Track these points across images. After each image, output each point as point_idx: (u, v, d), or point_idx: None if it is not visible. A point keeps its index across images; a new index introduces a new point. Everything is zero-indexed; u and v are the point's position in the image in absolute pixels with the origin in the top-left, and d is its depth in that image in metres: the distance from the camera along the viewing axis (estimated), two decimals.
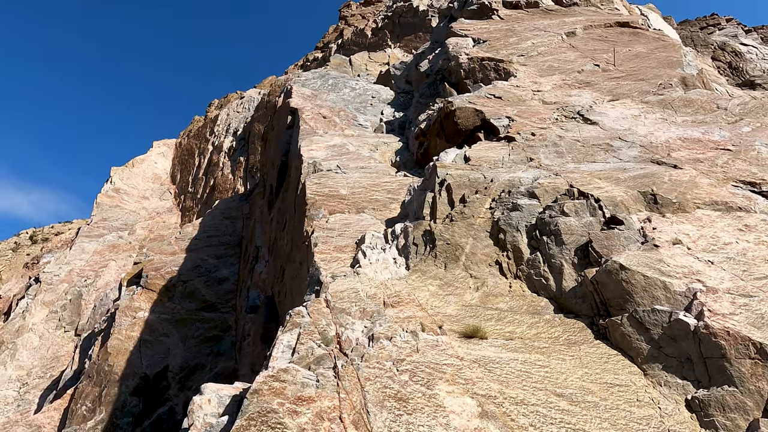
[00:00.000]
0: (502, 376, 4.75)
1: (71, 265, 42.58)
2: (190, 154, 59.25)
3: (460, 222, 6.84)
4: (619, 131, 8.87)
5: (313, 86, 25.22)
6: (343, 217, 8.58)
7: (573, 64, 12.42)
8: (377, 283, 6.24)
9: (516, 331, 5.49)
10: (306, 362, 4.87)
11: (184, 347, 25.09)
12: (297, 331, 5.29)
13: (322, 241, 7.67)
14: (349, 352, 5.07)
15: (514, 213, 6.73)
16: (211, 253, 30.29)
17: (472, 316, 5.76)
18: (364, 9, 68.63)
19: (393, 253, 6.93)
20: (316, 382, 4.58)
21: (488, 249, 6.59)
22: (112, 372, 23.72)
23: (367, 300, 5.87)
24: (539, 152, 8.35)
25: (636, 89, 10.76)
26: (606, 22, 14.56)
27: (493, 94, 11.11)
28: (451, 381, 4.62)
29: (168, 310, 26.31)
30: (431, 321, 5.53)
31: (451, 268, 6.49)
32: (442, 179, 7.46)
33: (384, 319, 5.49)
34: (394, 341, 5.13)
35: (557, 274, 6.03)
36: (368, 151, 13.11)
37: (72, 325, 37.29)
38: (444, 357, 4.93)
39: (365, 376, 4.64)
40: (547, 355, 5.08)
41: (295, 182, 11.91)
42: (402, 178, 10.76)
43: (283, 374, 4.61)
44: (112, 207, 52.46)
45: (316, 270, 7.00)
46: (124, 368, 23.76)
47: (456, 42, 14.98)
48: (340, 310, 5.69)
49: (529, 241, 6.47)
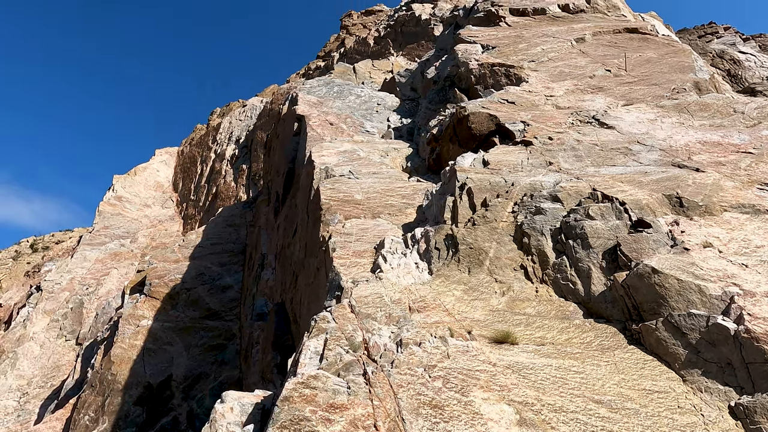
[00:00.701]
0: (537, 383, 4.62)
1: (72, 273, 42.39)
2: (192, 162, 59.30)
3: (483, 226, 6.74)
4: (636, 135, 8.81)
5: (318, 93, 25.28)
6: (360, 222, 8.48)
7: (584, 70, 12.41)
8: (401, 288, 6.13)
9: (547, 337, 5.36)
10: (335, 369, 4.74)
11: (187, 356, 24.84)
12: (323, 337, 5.17)
13: (340, 246, 7.56)
14: (377, 358, 4.94)
15: (537, 217, 6.63)
16: (214, 261, 30.14)
17: (501, 321, 5.63)
18: (366, 18, 69.16)
19: (414, 257, 6.82)
20: (347, 388, 4.45)
21: (512, 253, 6.48)
22: (116, 381, 23.45)
23: (392, 305, 5.75)
24: (558, 156, 8.28)
25: (650, 94, 10.73)
26: (615, 29, 14.59)
27: (506, 99, 11.07)
28: (486, 387, 4.49)
29: (171, 318, 26.11)
30: (459, 326, 5.40)
31: (475, 272, 6.37)
32: (462, 183, 7.37)
33: (411, 325, 5.37)
34: (423, 347, 5.00)
35: (585, 279, 5.92)
36: (379, 157, 13.05)
37: (73, 333, 37.00)
38: (476, 363, 4.81)
39: (397, 382, 4.51)
40: (581, 360, 4.95)
41: (306, 188, 11.83)
42: (415, 184, 10.68)
43: (313, 381, 4.48)
44: (114, 215, 52.37)
45: (336, 275, 6.88)
46: (128, 377, 23.48)
47: (465, 48, 15.00)
48: (366, 315, 5.57)
49: (555, 245, 6.37)
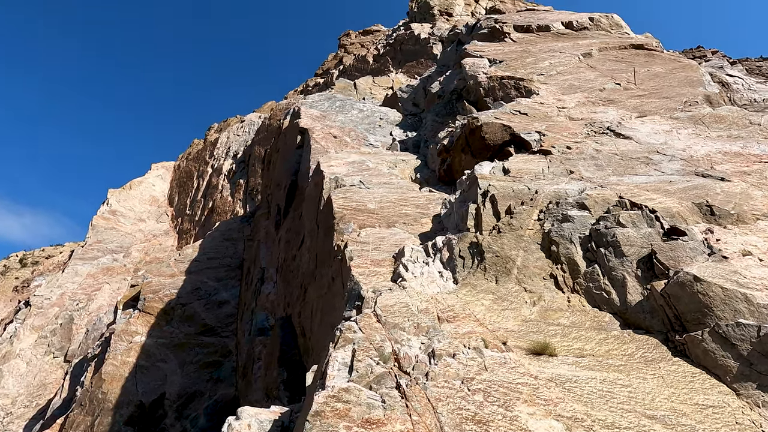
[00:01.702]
0: (583, 397, 4.33)
1: (63, 289, 41.45)
2: (189, 176, 58.97)
3: (509, 234, 6.52)
4: (655, 145, 8.73)
5: (321, 108, 25.27)
6: (375, 231, 8.23)
7: (594, 83, 12.44)
8: (427, 297, 5.85)
9: (586, 348, 5.09)
10: (366, 381, 4.42)
11: (182, 373, 24.09)
12: (351, 348, 4.85)
13: (357, 254, 7.29)
14: (409, 370, 4.64)
15: (565, 224, 6.43)
16: (211, 276, 29.58)
17: (535, 331, 5.36)
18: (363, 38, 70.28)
19: (438, 266, 6.56)
20: (381, 402, 4.13)
21: (540, 262, 6.25)
22: (106, 400, 22.60)
23: (419, 315, 5.46)
24: (578, 165, 8.15)
25: (662, 106, 10.72)
26: (620, 45, 14.74)
27: (518, 111, 11.01)
28: (530, 402, 4.19)
29: (166, 334, 25.40)
30: (493, 337, 5.12)
31: (503, 281, 6.12)
32: (484, 190, 7.18)
33: (442, 335, 5.08)
34: (458, 358, 4.71)
35: (620, 288, 5.68)
36: (387, 168, 12.89)
37: (62, 350, 35.89)
38: (516, 375, 4.51)
39: (435, 396, 4.20)
40: (626, 373, 4.68)
41: (315, 198, 11.59)
42: (428, 194, 10.48)
43: (344, 394, 4.16)
44: (108, 229, 51.62)
45: (355, 284, 6.59)
46: (119, 396, 22.66)
47: (472, 62, 15.06)
48: (393, 325, 5.27)
49: (585, 253, 6.15)
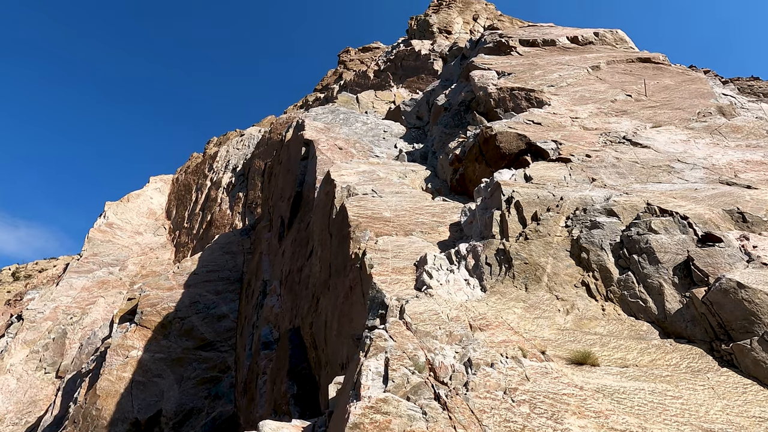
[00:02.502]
0: (634, 409, 4.09)
1: (57, 302, 40.72)
2: (188, 189, 58.71)
3: (537, 240, 6.34)
4: (675, 154, 8.65)
5: (324, 120, 25.28)
6: (393, 239, 8.02)
7: (605, 95, 12.45)
8: (456, 305, 5.62)
9: (628, 358, 4.87)
10: (402, 391, 4.17)
11: (179, 389, 23.49)
12: (383, 356, 4.61)
13: (378, 262, 7.07)
14: (446, 380, 4.39)
15: (595, 231, 6.26)
16: (210, 289, 29.13)
17: (573, 341, 5.14)
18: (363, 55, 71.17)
19: (463, 273, 6.35)
20: (422, 414, 3.87)
21: (571, 269, 6.06)
22: (101, 417, 21.94)
23: (450, 323, 5.23)
24: (600, 173, 8.03)
25: (676, 117, 10.70)
26: (628, 58, 14.85)
27: (531, 120, 10.95)
28: (580, 414, 3.95)
29: (163, 348, 24.85)
30: (530, 346, 4.89)
31: (533, 289, 5.91)
32: (508, 197, 7.03)
33: (477, 344, 4.84)
34: (497, 368, 4.47)
35: (656, 296, 5.49)
36: (397, 178, 12.75)
37: (54, 366, 35.05)
38: (560, 386, 4.27)
39: (478, 407, 3.95)
40: (674, 384, 4.45)
41: (325, 207, 11.40)
42: (442, 203, 10.32)
43: (383, 405, 3.90)
44: (104, 242, 51.09)
45: (378, 292, 6.36)
46: (114, 412, 22.01)
47: (481, 74, 15.10)
48: (425, 333, 5.03)
49: (617, 260, 5.97)
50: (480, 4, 68.62)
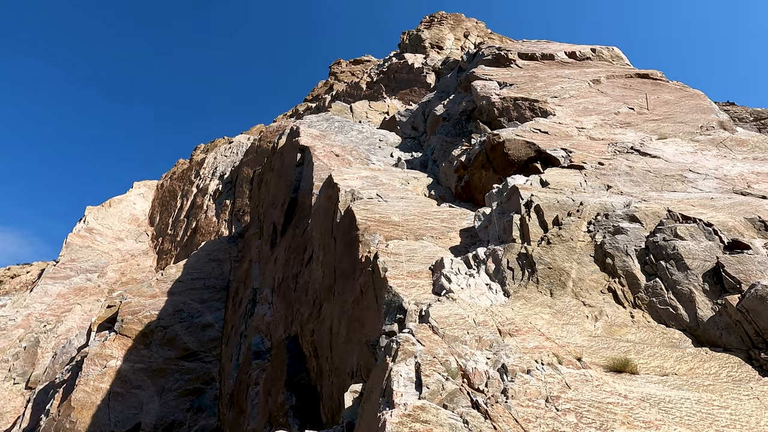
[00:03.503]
0: (684, 419, 3.87)
1: (30, 309, 39.09)
2: (173, 196, 57.48)
3: (560, 245, 6.16)
4: (686, 164, 8.65)
5: (319, 127, 25.04)
6: (404, 243, 7.76)
7: (608, 107, 12.54)
8: (482, 310, 5.36)
9: (665, 366, 4.66)
10: (438, 399, 3.87)
11: (159, 401, 22.52)
12: (413, 361, 4.30)
13: (392, 266, 6.79)
14: (482, 387, 4.10)
15: (619, 236, 6.12)
16: (195, 297, 28.24)
17: (606, 347, 4.92)
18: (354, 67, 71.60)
19: (484, 278, 6.11)
20: (464, 423, 3.57)
21: (596, 275, 5.88)
22: (74, 430, 20.86)
23: (478, 327, 4.96)
24: (615, 180, 7.95)
25: (680, 130, 10.79)
26: (626, 74, 15.07)
27: (538, 129, 10.91)
28: (629, 424, 3.71)
29: (144, 358, 23.90)
30: (565, 352, 4.65)
31: (558, 295, 5.70)
32: (527, 200, 6.86)
33: (509, 350, 4.58)
34: (534, 375, 4.21)
35: (687, 303, 5.33)
36: (400, 184, 12.54)
37: (24, 376, 33.44)
38: (604, 394, 4.03)
39: (522, 416, 3.67)
40: (718, 394, 4.25)
41: (327, 212, 11.09)
42: (449, 209, 10.13)
43: (421, 413, 3.59)
44: (83, 247, 49.49)
45: (394, 296, 6.07)
46: (89, 426, 20.95)
47: (483, 84, 15.12)
48: (453, 338, 4.75)
49: (643, 267, 5.82)
50: (471, 21, 69.94)
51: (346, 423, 4.88)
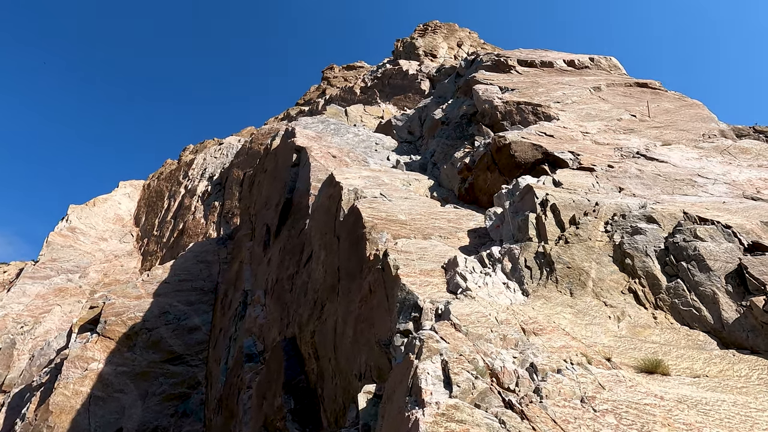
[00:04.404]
0: (724, 421, 3.71)
1: (7, 309, 37.85)
2: (159, 196, 56.37)
3: (578, 245, 6.03)
4: (694, 169, 8.66)
5: (315, 129, 24.80)
6: (413, 242, 7.56)
7: (610, 113, 12.59)
8: (503, 308, 5.18)
9: (695, 368, 4.53)
10: (470, 398, 3.65)
11: (142, 406, 21.80)
12: (439, 359, 4.08)
13: (403, 263, 6.57)
14: (512, 386, 3.90)
15: (638, 237, 6.02)
16: (181, 299, 27.53)
17: (633, 348, 4.77)
18: (347, 73, 71.65)
19: (501, 277, 5.94)
20: (500, 424, 3.36)
21: (616, 275, 5.75)
22: None
23: (501, 326, 4.77)
24: (626, 182, 7.90)
25: (682, 137, 10.86)
26: (626, 82, 15.22)
27: (543, 132, 10.87)
28: (670, 426, 3.54)
29: (127, 361, 23.14)
30: (593, 352, 4.48)
31: (578, 294, 5.55)
32: (542, 199, 6.73)
33: (536, 349, 4.39)
34: (566, 375, 4.02)
35: (711, 305, 5.23)
36: (402, 185, 12.37)
37: None
38: (639, 395, 3.86)
39: (561, 417, 3.47)
40: (753, 396, 4.12)
41: (329, 210, 10.84)
42: (454, 210, 9.97)
43: (455, 412, 3.37)
44: (65, 247, 48.13)
45: (408, 294, 5.85)
46: (68, 430, 20.11)
47: (485, 88, 15.11)
48: (477, 336, 4.55)
49: (663, 267, 5.71)
50: (464, 31, 70.64)
51: (362, 425, 4.62)
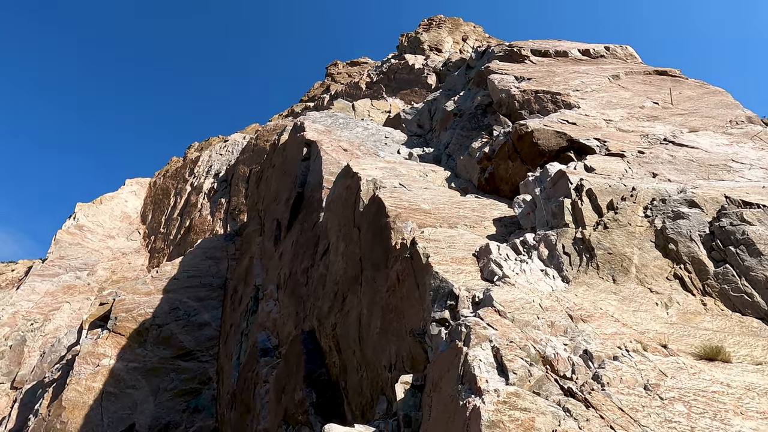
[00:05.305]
0: None
1: (16, 307, 37.92)
2: (165, 194, 56.35)
3: (618, 230, 5.80)
4: (728, 154, 8.39)
5: (324, 123, 24.57)
6: (440, 231, 7.35)
7: (631, 101, 12.30)
8: (545, 295, 4.97)
9: (755, 355, 4.31)
10: (528, 386, 3.45)
11: (154, 402, 21.75)
12: (489, 345, 3.88)
13: (433, 252, 6.37)
14: (568, 373, 3.70)
15: (681, 221, 5.78)
16: (191, 295, 27.44)
17: (687, 335, 4.55)
18: (351, 69, 71.30)
19: (538, 263, 5.72)
20: (565, 412, 3.16)
21: (659, 261, 5.53)
22: (66, 430, 20.00)
23: (547, 312, 4.56)
24: (659, 168, 7.65)
25: (710, 124, 10.57)
26: (645, 71, 14.90)
27: (566, 120, 10.61)
28: (744, 414, 3.33)
29: (138, 357, 23.09)
30: (647, 339, 4.27)
31: (621, 281, 5.33)
32: (577, 185, 6.50)
33: (587, 336, 4.18)
34: (624, 362, 3.81)
35: (763, 290, 4.99)
36: (419, 176, 12.16)
37: (9, 376, 32.34)
38: (705, 383, 3.65)
39: (627, 405, 3.27)
40: None
41: (347, 201, 10.65)
42: (476, 199, 9.75)
43: (517, 400, 3.17)
44: (73, 245, 48.21)
45: (442, 282, 5.65)
46: (81, 426, 20.10)
47: (500, 78, 14.84)
48: (524, 322, 4.34)
49: (709, 253, 5.48)
50: (468, 26, 70.09)
51: (403, 416, 4.44)
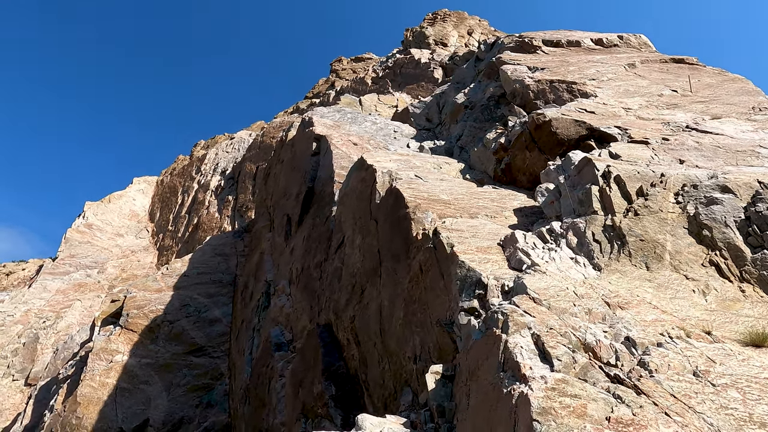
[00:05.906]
0: None
1: (29, 305, 38.22)
2: (173, 192, 56.56)
3: (649, 217, 5.66)
4: (754, 140, 8.19)
5: (332, 118, 24.43)
6: (462, 221, 7.23)
7: (649, 89, 12.08)
8: (578, 282, 4.85)
9: None
10: (573, 372, 3.34)
11: (168, 397, 21.84)
12: (529, 333, 3.77)
13: (457, 241, 6.25)
14: (611, 360, 3.58)
15: (715, 207, 5.62)
16: (201, 292, 27.53)
17: (729, 321, 4.41)
18: (355, 65, 71.01)
19: (567, 252, 5.59)
20: (615, 398, 3.05)
21: (693, 247, 5.38)
22: (81, 426, 20.12)
23: (583, 300, 4.44)
24: (686, 155, 7.47)
25: (732, 111, 10.34)
26: (661, 59, 14.63)
27: (584, 109, 10.43)
28: None
29: (151, 353, 23.20)
30: (689, 326, 4.14)
31: (655, 268, 5.19)
32: (604, 171, 6.35)
33: (626, 323, 4.06)
34: (669, 348, 3.69)
35: None
36: (433, 168, 12.02)
37: (23, 373, 32.63)
38: (756, 369, 3.52)
39: (681, 392, 3.15)
40: None
41: (362, 194, 10.54)
42: (494, 190, 9.61)
43: (566, 386, 3.06)
44: (83, 243, 48.54)
45: (468, 271, 5.53)
46: (96, 421, 20.22)
47: (513, 68, 14.64)
48: (561, 310, 4.23)
49: (746, 238, 5.32)
50: (474, 19, 69.47)
51: (436, 406, 4.34)
